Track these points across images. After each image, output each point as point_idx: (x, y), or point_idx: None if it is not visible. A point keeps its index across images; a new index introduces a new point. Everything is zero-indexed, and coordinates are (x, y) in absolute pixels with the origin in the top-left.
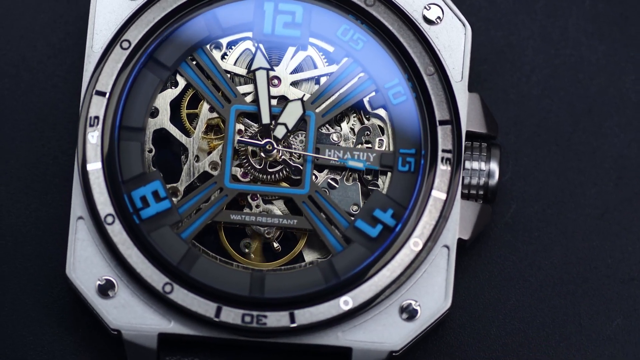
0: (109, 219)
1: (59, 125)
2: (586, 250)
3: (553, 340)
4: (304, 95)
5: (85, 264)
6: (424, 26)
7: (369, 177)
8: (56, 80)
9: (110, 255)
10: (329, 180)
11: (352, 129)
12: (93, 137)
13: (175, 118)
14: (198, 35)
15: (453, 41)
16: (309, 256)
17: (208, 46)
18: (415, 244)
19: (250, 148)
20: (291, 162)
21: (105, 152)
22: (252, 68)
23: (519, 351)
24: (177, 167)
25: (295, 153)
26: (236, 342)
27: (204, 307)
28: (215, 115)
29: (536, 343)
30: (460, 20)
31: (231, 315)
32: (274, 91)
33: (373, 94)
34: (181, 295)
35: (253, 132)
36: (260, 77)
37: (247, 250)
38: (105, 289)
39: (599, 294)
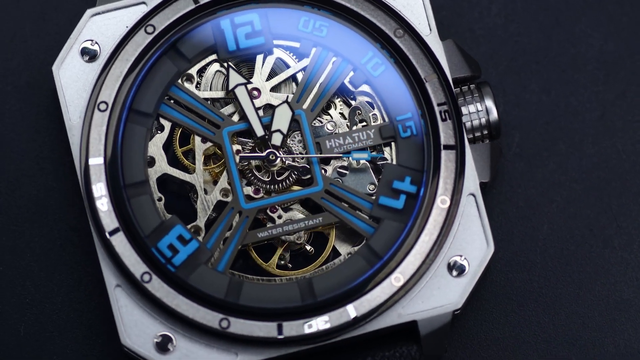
0: (146, 277)
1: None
2: (599, 154)
3: (596, 248)
4: (287, 96)
5: (137, 328)
6: None
7: (375, 153)
8: (44, 164)
9: (158, 311)
10: (338, 170)
11: (342, 114)
12: (103, 204)
13: (172, 160)
14: (168, 74)
15: None
16: (344, 248)
17: (180, 81)
18: (442, 201)
19: (253, 163)
20: (297, 164)
21: (120, 215)
22: (230, 87)
23: (567, 269)
24: (190, 205)
25: (298, 158)
26: (307, 351)
27: (265, 329)
28: (209, 144)
29: (581, 256)
30: None
31: (293, 328)
32: (258, 102)
33: (352, 73)
34: (239, 326)
35: (250, 147)
36: (241, 93)
37: (282, 262)
38: (164, 345)
39: (626, 190)
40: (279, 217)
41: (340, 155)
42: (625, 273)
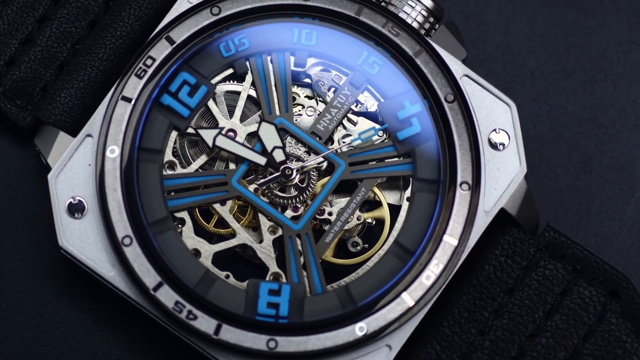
0: (272, 344)
1: None
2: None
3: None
4: (258, 116)
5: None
6: None
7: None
8: None
9: None
10: (343, 140)
11: (308, 96)
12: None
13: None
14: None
15: None
16: (394, 198)
17: (164, 172)
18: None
19: (276, 191)
20: (311, 164)
21: (214, 312)
22: (211, 144)
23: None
24: (252, 264)
25: (309, 165)
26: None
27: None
28: (228, 203)
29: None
30: None
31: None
32: (239, 138)
33: (293, 58)
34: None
35: (261, 177)
36: (223, 142)
37: (359, 247)
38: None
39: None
40: (330, 214)
41: (350, 144)
42: None
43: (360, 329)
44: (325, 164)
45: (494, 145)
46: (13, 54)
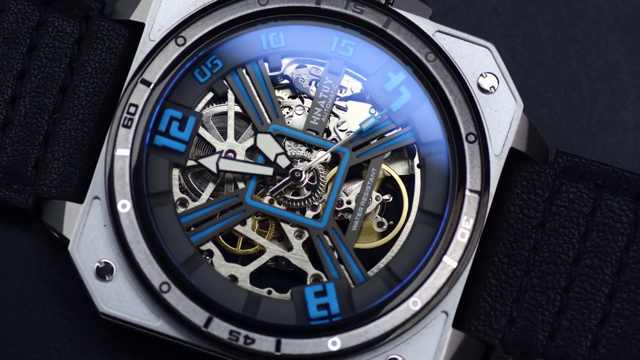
0: (335, 341)
1: None
2: None
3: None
4: (250, 129)
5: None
6: None
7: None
8: None
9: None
10: (339, 129)
11: (292, 96)
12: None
13: (244, 260)
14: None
15: None
16: (403, 169)
17: (177, 211)
18: (414, 303)
19: (289, 196)
20: (317, 161)
21: (265, 329)
22: (215, 171)
23: None
24: (289, 272)
25: (315, 162)
26: None
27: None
28: (249, 221)
29: None
30: None
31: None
32: (241, 156)
33: (266, 64)
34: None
35: (272, 185)
36: (226, 165)
37: (385, 226)
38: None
39: None
40: (348, 202)
41: (352, 135)
42: None
43: (413, 303)
44: (329, 157)
45: (484, 90)
46: None
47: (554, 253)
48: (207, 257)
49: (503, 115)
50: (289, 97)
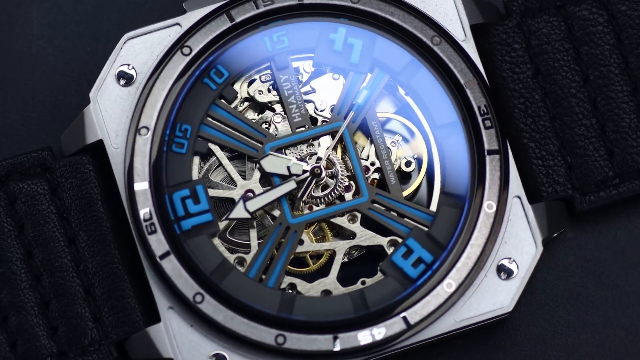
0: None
1: None
2: None
3: None
4: (249, 159)
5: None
6: None
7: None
8: None
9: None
10: (321, 112)
11: (260, 111)
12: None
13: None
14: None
15: None
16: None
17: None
18: (489, 206)
19: (316, 192)
20: (325, 152)
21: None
22: (249, 215)
23: None
24: (363, 257)
25: (324, 153)
26: None
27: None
28: (306, 241)
29: None
30: None
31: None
32: (259, 189)
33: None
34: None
35: (296, 196)
36: (254, 204)
37: (413, 164)
38: None
39: None
40: (372, 164)
41: (353, 113)
42: None
43: (489, 206)
44: (331, 139)
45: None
46: (48, 324)
47: (563, 86)
48: (290, 290)
49: (444, 4)
50: (259, 115)
